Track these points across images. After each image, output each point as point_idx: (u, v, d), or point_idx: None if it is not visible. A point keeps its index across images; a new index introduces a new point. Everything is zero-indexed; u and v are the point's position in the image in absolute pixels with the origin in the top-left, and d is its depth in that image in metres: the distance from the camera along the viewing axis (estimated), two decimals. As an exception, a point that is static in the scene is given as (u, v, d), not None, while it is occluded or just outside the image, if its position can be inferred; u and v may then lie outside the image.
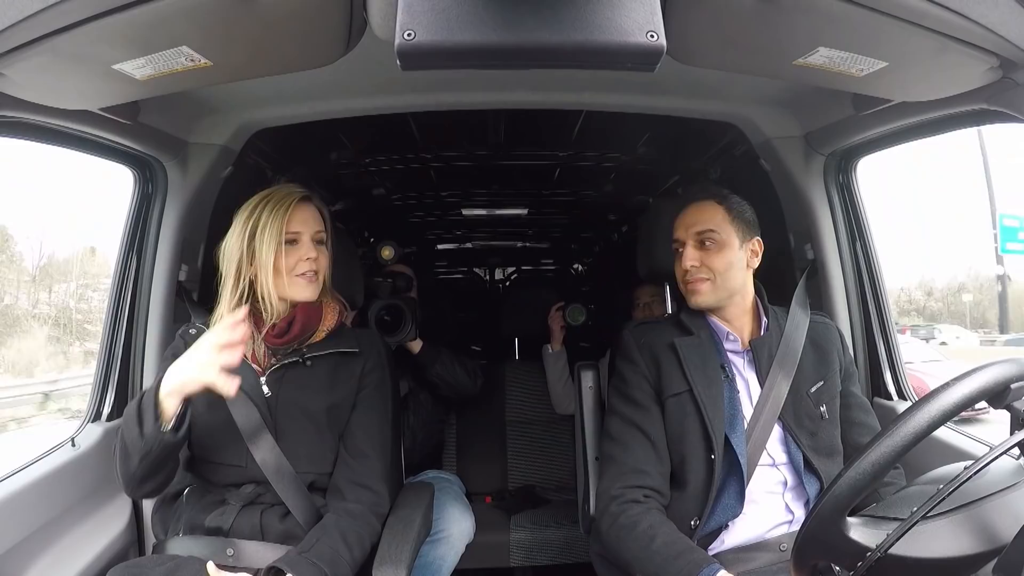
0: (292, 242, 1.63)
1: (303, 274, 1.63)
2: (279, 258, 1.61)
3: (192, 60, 1.21)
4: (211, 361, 1.39)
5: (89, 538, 1.71)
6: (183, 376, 1.42)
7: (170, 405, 1.43)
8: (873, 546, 0.97)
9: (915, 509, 0.94)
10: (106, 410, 1.94)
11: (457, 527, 2.47)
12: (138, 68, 1.23)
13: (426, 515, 1.82)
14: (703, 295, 1.69)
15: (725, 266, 1.67)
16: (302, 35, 1.20)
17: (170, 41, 1.16)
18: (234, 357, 1.40)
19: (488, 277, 5.58)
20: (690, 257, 1.68)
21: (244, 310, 1.45)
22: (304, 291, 1.64)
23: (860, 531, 1.01)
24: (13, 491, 1.57)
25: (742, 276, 1.70)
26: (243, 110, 1.97)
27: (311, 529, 1.55)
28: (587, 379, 2.03)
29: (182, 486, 1.68)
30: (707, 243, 1.68)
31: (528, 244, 4.92)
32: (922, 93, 1.44)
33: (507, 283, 5.57)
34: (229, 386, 1.39)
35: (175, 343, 1.72)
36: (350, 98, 1.95)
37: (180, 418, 1.44)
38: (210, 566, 1.44)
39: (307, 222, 1.66)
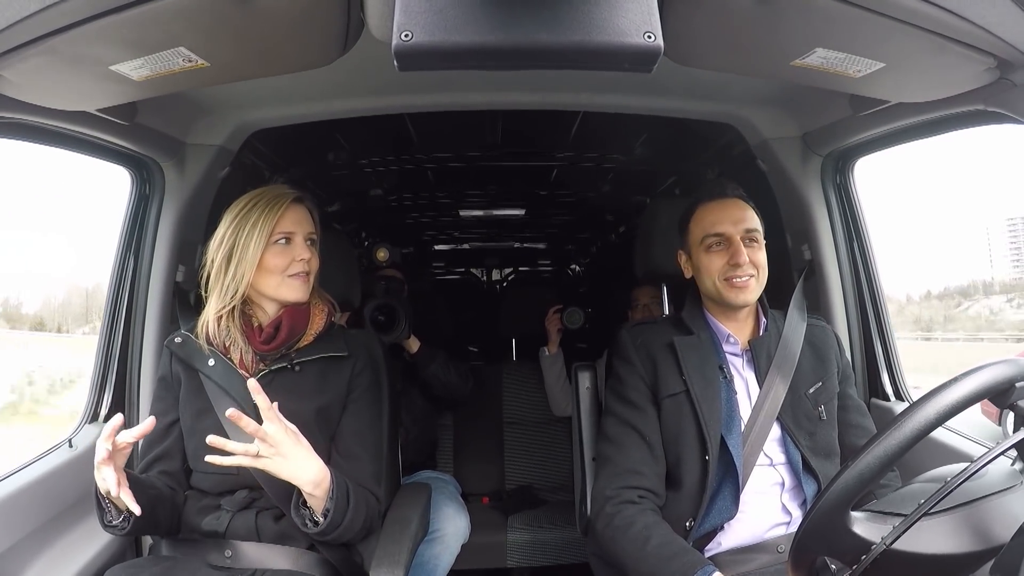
0: (285, 242, 1.63)
1: (296, 274, 1.63)
2: (269, 257, 1.60)
3: (189, 61, 1.21)
4: (99, 476, 1.36)
5: (87, 539, 1.70)
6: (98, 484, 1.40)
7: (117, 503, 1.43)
8: (877, 540, 0.96)
9: (922, 502, 0.94)
10: (103, 411, 1.93)
11: (452, 526, 2.48)
12: (135, 69, 1.22)
13: (423, 515, 1.81)
14: (752, 291, 1.66)
15: (764, 264, 1.67)
16: (299, 36, 1.20)
17: (167, 42, 1.16)
18: (110, 472, 1.34)
19: (485, 278, 5.58)
20: (745, 253, 1.64)
21: (119, 418, 1.37)
22: (296, 292, 1.64)
23: (863, 525, 1.00)
24: (11, 492, 1.58)
25: None
26: (240, 111, 1.97)
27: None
28: (584, 380, 2.02)
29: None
30: (753, 241, 1.67)
31: (525, 245, 4.92)
32: (919, 94, 1.45)
33: (504, 284, 5.57)
34: (129, 502, 1.36)
35: (164, 353, 1.72)
36: (347, 99, 1.95)
37: (128, 515, 1.44)
38: (251, 383, 1.43)
39: (300, 222, 1.65)
